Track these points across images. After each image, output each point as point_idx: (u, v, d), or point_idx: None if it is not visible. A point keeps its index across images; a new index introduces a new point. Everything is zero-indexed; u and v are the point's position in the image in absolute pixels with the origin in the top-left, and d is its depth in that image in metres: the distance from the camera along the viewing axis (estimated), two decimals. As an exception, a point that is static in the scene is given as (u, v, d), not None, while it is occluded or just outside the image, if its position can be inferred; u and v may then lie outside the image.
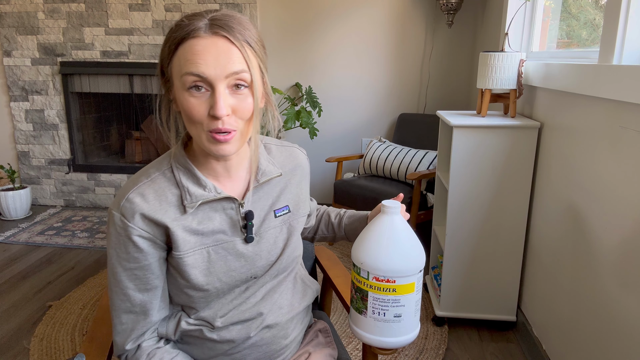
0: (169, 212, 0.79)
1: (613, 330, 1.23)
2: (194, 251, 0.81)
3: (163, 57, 0.76)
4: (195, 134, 0.76)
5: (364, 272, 0.79)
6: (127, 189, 0.80)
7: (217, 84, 0.71)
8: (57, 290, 2.32)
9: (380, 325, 0.80)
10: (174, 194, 0.80)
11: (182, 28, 0.73)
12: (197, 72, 0.71)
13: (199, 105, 0.72)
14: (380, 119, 3.33)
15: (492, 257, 1.88)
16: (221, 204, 0.83)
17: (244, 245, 0.85)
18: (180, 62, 0.72)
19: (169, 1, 3.17)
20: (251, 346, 0.88)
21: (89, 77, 3.36)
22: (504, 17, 2.30)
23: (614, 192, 1.24)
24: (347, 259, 2.65)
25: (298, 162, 0.96)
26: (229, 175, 0.85)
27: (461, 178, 1.83)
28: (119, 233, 0.78)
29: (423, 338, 1.92)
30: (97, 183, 3.54)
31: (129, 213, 0.77)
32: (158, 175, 0.81)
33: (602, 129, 1.31)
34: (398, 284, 0.78)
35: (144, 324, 0.84)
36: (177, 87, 0.75)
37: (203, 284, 0.82)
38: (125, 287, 0.81)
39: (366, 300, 0.80)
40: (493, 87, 1.86)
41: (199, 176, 0.81)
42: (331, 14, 3.20)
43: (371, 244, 0.80)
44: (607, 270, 1.27)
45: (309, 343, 1.01)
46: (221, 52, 0.71)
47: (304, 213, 0.97)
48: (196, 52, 0.71)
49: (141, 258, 0.79)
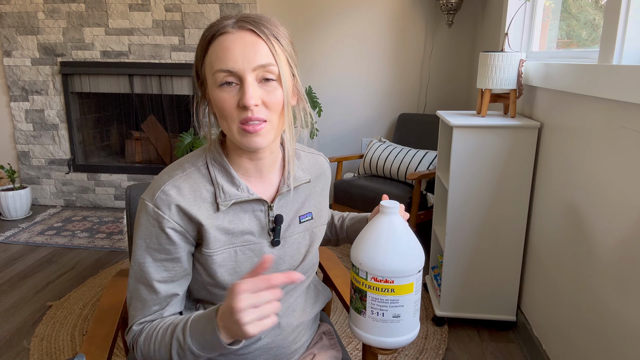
0: (203, 208, 0.79)
1: (613, 330, 1.23)
2: (223, 250, 0.81)
3: (197, 59, 0.78)
4: (227, 129, 0.77)
5: (362, 272, 0.79)
6: (163, 181, 0.80)
7: (246, 76, 0.73)
8: (57, 290, 2.32)
9: (379, 326, 0.80)
10: (209, 191, 0.81)
11: (212, 27, 0.75)
12: (226, 68, 0.73)
13: (229, 99, 0.74)
14: (380, 119, 3.33)
15: (492, 257, 1.88)
16: (251, 205, 0.83)
17: (270, 249, 0.85)
18: (212, 60, 0.74)
19: (169, 1, 3.17)
20: (262, 348, 0.88)
21: (89, 77, 3.36)
22: (504, 17, 2.30)
23: (613, 192, 1.24)
24: (347, 259, 2.65)
25: (323, 170, 0.98)
26: (261, 176, 0.85)
27: (461, 178, 1.83)
28: (151, 224, 0.78)
29: (423, 338, 1.92)
30: (97, 183, 3.54)
31: (165, 204, 0.77)
32: (193, 170, 0.81)
33: (602, 129, 1.31)
34: (396, 284, 0.78)
35: (159, 315, 0.82)
36: (210, 85, 0.76)
37: (227, 283, 0.82)
38: (152, 279, 0.80)
39: (365, 300, 0.80)
40: (493, 87, 1.86)
41: (233, 175, 0.81)
42: (331, 14, 3.20)
43: (370, 244, 0.80)
44: (607, 270, 1.27)
45: (314, 345, 1.01)
46: (248, 45, 0.73)
47: (324, 221, 0.97)
48: (225, 48, 0.73)
49: (172, 250, 0.79)
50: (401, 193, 2.55)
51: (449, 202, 1.86)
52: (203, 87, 0.80)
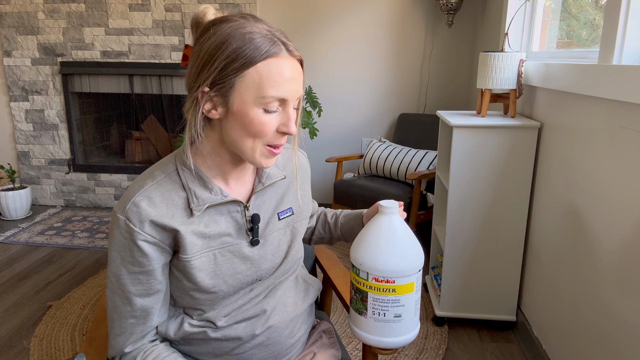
0: (177, 215, 0.79)
1: (613, 330, 1.23)
2: (201, 254, 0.81)
3: (224, 70, 0.73)
4: (249, 146, 0.77)
5: (363, 273, 0.79)
6: (133, 192, 0.79)
7: (290, 104, 0.77)
8: (57, 290, 2.32)
9: (380, 326, 0.79)
10: (181, 197, 0.80)
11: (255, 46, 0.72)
12: (282, 97, 0.74)
13: (270, 122, 0.75)
14: (380, 119, 3.33)
15: (492, 257, 1.88)
16: (227, 207, 0.83)
17: (250, 248, 0.85)
18: (262, 81, 0.73)
19: (169, 1, 3.17)
20: (258, 345, 0.88)
21: (89, 77, 3.36)
22: (504, 17, 2.30)
23: (613, 192, 1.24)
24: (347, 259, 2.65)
25: (300, 164, 0.97)
26: (237, 178, 0.85)
27: (461, 178, 1.83)
28: (124, 237, 0.78)
29: (423, 338, 1.92)
30: (97, 183, 3.54)
31: (136, 217, 0.76)
32: (164, 177, 0.81)
33: (602, 129, 1.31)
34: (398, 284, 0.78)
35: (144, 328, 0.84)
36: (244, 101, 0.74)
37: (209, 287, 0.82)
38: (128, 291, 0.80)
39: (366, 301, 0.79)
40: (493, 87, 1.86)
41: (205, 179, 0.81)
42: (331, 14, 3.20)
43: (370, 244, 0.79)
44: (606, 270, 1.27)
45: (313, 344, 1.01)
46: (298, 75, 0.77)
47: (307, 215, 0.97)
48: (282, 75, 0.73)
49: (146, 263, 0.79)
50: (401, 193, 2.55)
51: (449, 202, 1.86)
52: (213, 95, 0.75)
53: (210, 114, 0.76)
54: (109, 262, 0.81)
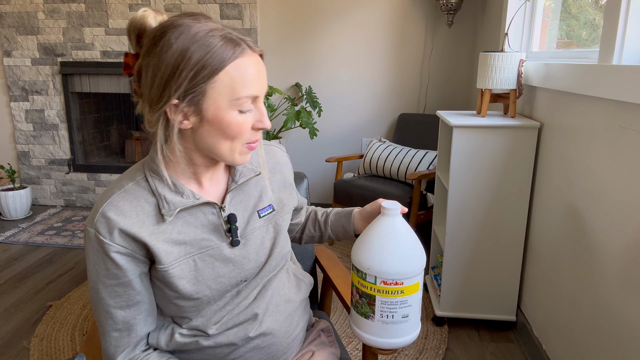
0: (147, 223, 0.76)
1: (613, 330, 1.23)
2: (179, 262, 0.78)
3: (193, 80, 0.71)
4: (227, 148, 0.76)
5: (370, 277, 0.78)
6: (101, 204, 0.77)
7: (261, 100, 0.77)
8: (57, 290, 2.32)
9: (389, 328, 0.79)
10: (151, 203, 0.77)
11: (220, 49, 0.71)
12: (254, 94, 0.75)
13: (246, 121, 0.76)
14: (380, 119, 3.33)
15: (492, 257, 1.88)
16: (201, 210, 0.81)
17: (231, 250, 0.83)
18: (234, 82, 0.72)
19: (169, 1, 3.17)
20: (254, 349, 0.87)
21: (89, 77, 3.36)
22: (503, 17, 2.30)
23: (613, 192, 1.24)
24: (347, 259, 2.65)
25: (277, 159, 0.95)
26: (210, 178, 0.84)
27: (461, 178, 1.83)
28: (96, 249, 0.76)
29: (423, 338, 1.92)
30: (97, 183, 3.54)
31: (104, 229, 0.74)
32: (132, 185, 0.78)
33: (602, 129, 1.31)
34: (406, 285, 0.78)
35: (129, 340, 0.82)
36: (219, 107, 0.73)
37: (192, 293, 0.80)
38: (107, 305, 0.79)
39: (373, 304, 0.79)
40: (493, 87, 1.86)
41: (175, 183, 0.78)
42: (331, 14, 3.20)
43: (376, 248, 0.79)
44: (607, 270, 1.27)
45: (312, 342, 1.01)
46: (263, 69, 0.77)
47: (289, 209, 0.95)
48: (249, 73, 0.73)
49: (120, 275, 0.77)
50: (401, 193, 2.55)
51: (449, 202, 1.86)
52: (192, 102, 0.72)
53: (182, 124, 0.74)
54: (88, 278, 0.79)
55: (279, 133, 3.32)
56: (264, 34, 3.26)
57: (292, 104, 3.13)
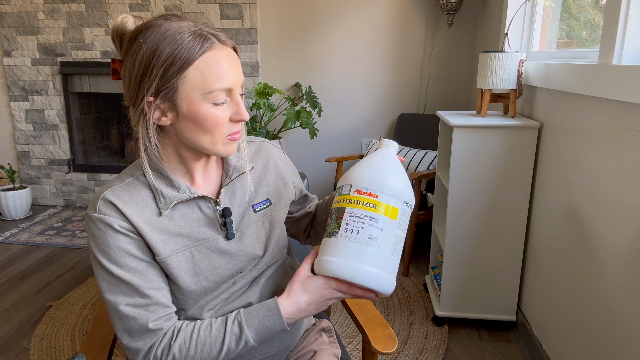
0: (145, 213, 0.79)
1: (613, 330, 1.23)
2: (177, 253, 0.80)
3: (164, 76, 0.73)
4: (208, 142, 0.77)
5: (346, 187, 0.77)
6: (100, 192, 0.80)
7: (236, 92, 0.77)
8: (57, 290, 2.32)
9: (350, 246, 0.73)
10: (149, 196, 0.81)
11: (189, 44, 0.72)
12: (227, 87, 0.75)
13: (222, 114, 0.76)
14: (380, 119, 3.33)
15: (492, 257, 1.88)
16: (197, 204, 0.83)
17: (226, 242, 0.85)
18: (204, 76, 0.73)
19: (169, 1, 3.17)
20: None
21: (89, 77, 3.36)
22: (503, 17, 2.30)
23: (613, 192, 1.24)
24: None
25: (269, 154, 0.96)
26: (202, 173, 0.86)
27: (461, 178, 1.83)
28: (103, 231, 0.77)
29: (423, 338, 1.92)
30: (97, 183, 3.54)
31: (108, 209, 0.77)
32: (132, 180, 0.82)
33: (602, 129, 1.31)
34: (380, 200, 0.74)
35: (156, 309, 0.79)
36: (192, 101, 0.74)
37: (191, 284, 0.82)
38: (129, 281, 0.77)
39: (341, 217, 0.75)
40: (493, 87, 1.86)
41: (171, 178, 0.81)
42: (331, 14, 3.20)
43: (361, 164, 0.79)
44: (607, 269, 1.27)
45: (313, 342, 1.01)
46: (236, 62, 0.77)
47: (286, 203, 0.96)
48: (220, 66, 0.74)
49: (131, 249, 0.77)
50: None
51: (449, 202, 1.86)
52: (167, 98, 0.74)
53: (161, 121, 0.77)
54: (99, 270, 0.78)
55: (279, 133, 3.32)
56: (264, 34, 3.26)
57: (292, 104, 3.13)
